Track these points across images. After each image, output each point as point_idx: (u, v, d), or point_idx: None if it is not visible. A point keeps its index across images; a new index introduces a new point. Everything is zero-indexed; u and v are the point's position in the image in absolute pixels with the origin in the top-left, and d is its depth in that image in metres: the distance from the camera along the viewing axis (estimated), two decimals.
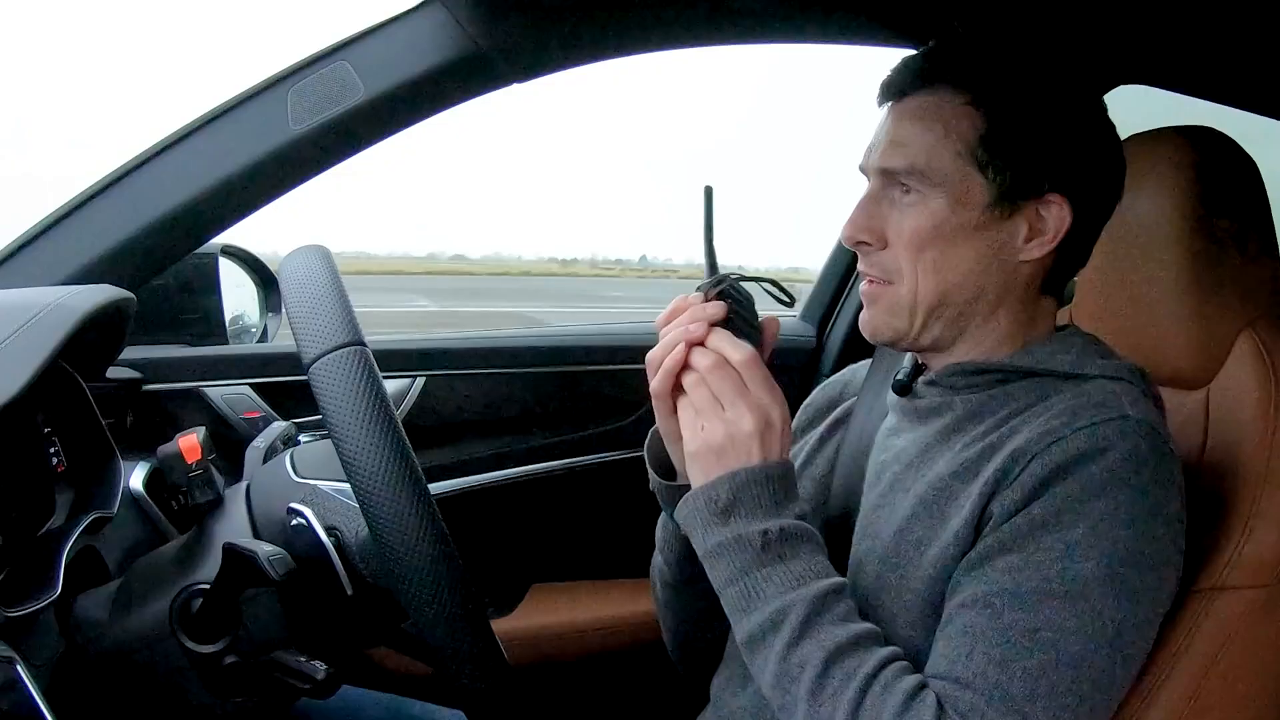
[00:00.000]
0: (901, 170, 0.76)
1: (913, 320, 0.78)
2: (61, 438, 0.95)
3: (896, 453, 0.82)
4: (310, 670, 0.81)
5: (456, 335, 1.60)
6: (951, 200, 0.75)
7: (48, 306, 0.83)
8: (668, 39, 1.26)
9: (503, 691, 0.78)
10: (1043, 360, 0.78)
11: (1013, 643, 0.67)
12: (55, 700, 0.72)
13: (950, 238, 0.76)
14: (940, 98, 0.76)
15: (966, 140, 0.75)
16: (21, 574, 0.78)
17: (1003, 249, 0.77)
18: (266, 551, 0.76)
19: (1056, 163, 0.76)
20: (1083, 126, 0.78)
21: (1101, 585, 0.67)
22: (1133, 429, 0.70)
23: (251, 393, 1.40)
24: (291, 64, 1.11)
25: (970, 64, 0.77)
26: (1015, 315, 0.80)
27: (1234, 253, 0.85)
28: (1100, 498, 0.68)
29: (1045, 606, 0.67)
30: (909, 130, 0.76)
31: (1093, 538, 0.68)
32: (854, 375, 1.00)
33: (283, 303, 0.79)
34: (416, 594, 0.72)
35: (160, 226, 1.09)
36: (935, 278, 0.76)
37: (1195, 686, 0.76)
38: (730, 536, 0.71)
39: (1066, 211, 0.76)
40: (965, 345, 0.81)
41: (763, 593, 0.71)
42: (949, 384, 0.80)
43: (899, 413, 0.84)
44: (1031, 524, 0.69)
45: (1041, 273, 0.79)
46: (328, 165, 1.14)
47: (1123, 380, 0.76)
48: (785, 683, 0.69)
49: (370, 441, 0.71)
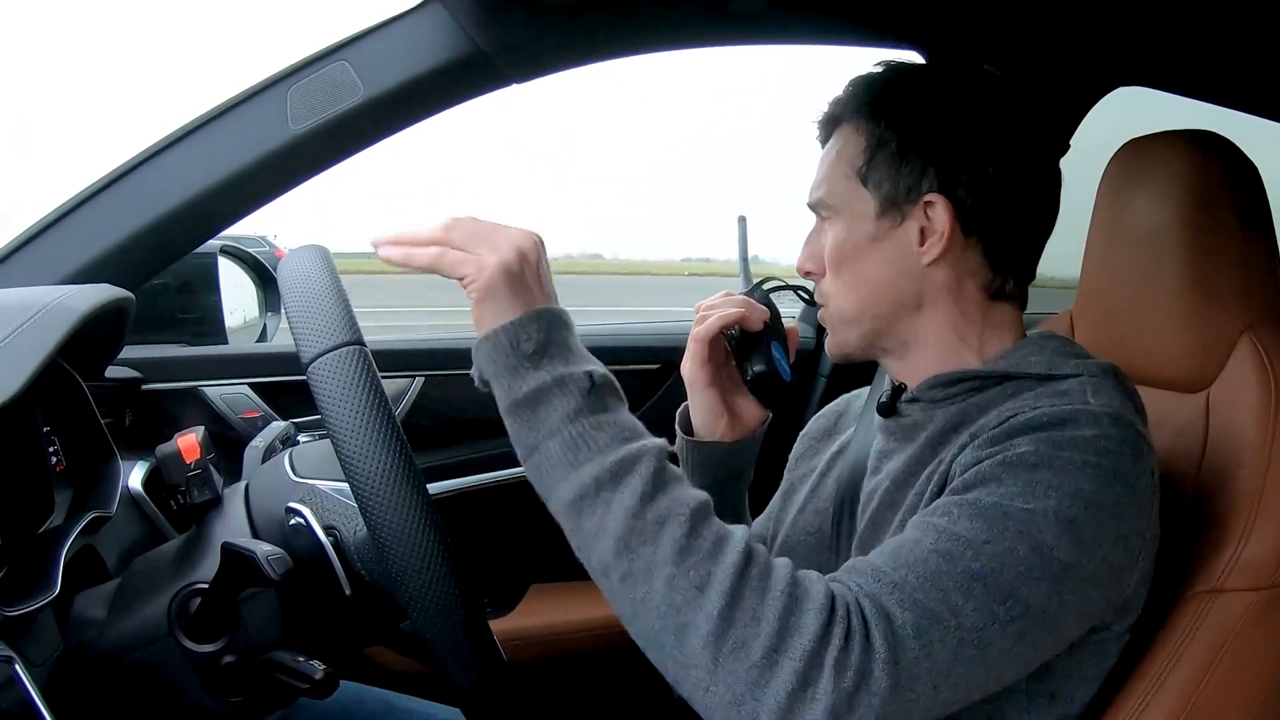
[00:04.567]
0: (815, 203, 0.84)
1: (848, 334, 0.84)
2: (61, 437, 0.95)
3: (889, 473, 0.82)
4: (308, 670, 0.81)
5: (456, 335, 1.60)
6: (849, 219, 0.81)
7: (47, 306, 0.83)
8: (668, 39, 1.26)
9: (501, 691, 0.78)
10: (1016, 364, 0.79)
11: (963, 541, 0.64)
12: (53, 699, 0.72)
13: (855, 254, 0.81)
14: (844, 130, 0.83)
15: (852, 161, 0.81)
16: (20, 573, 0.78)
17: (903, 255, 0.80)
18: (265, 551, 0.76)
19: (927, 163, 0.79)
20: (952, 125, 0.79)
21: (1055, 526, 0.65)
22: (1095, 409, 0.70)
23: (250, 392, 1.40)
24: (291, 64, 1.11)
25: (868, 92, 0.82)
26: (955, 319, 0.81)
27: (1234, 256, 0.85)
28: (1065, 450, 0.67)
29: (999, 522, 0.65)
30: (822, 166, 0.84)
31: (1055, 480, 0.66)
32: (848, 405, 1.01)
33: (281, 302, 0.79)
34: (415, 594, 0.72)
35: (160, 226, 1.09)
36: (852, 293, 0.82)
37: (1193, 688, 0.76)
38: (550, 379, 0.63)
39: (946, 209, 0.78)
40: (917, 354, 0.83)
41: (595, 441, 0.62)
42: (929, 398, 0.81)
43: (885, 434, 0.86)
44: (995, 464, 0.68)
45: (971, 276, 0.80)
46: (328, 165, 1.14)
47: (1095, 378, 0.76)
48: (636, 543, 0.60)
49: (369, 442, 0.71)
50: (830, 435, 0.99)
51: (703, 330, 0.87)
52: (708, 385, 0.88)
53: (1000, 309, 0.83)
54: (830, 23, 1.29)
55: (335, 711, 1.05)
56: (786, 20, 1.26)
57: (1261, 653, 0.77)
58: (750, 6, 1.16)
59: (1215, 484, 0.80)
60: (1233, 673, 0.76)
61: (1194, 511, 0.81)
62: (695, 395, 0.90)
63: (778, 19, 1.24)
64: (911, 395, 0.83)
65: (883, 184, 0.79)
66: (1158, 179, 0.87)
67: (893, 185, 0.79)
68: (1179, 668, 0.76)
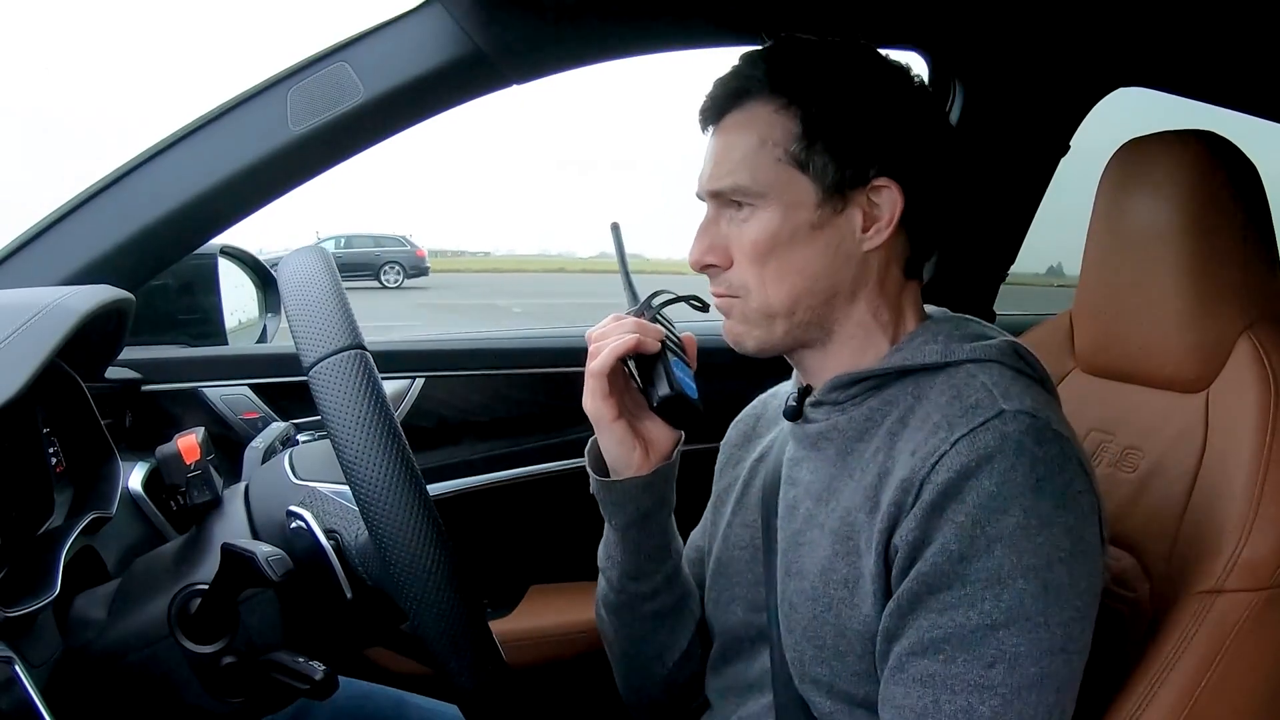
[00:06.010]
0: (729, 190, 0.77)
1: (772, 327, 0.79)
2: (60, 438, 0.95)
3: (805, 486, 0.81)
4: (308, 670, 0.81)
5: (455, 336, 1.60)
6: (782, 207, 0.76)
7: (47, 306, 0.83)
8: (668, 40, 1.26)
9: (501, 692, 0.78)
10: (912, 356, 0.77)
11: (972, 685, 0.67)
12: (53, 700, 0.72)
13: (789, 243, 0.76)
14: (754, 111, 0.77)
15: (783, 144, 0.76)
16: (20, 574, 0.78)
17: (844, 242, 0.77)
18: (265, 552, 0.76)
19: (877, 147, 0.75)
20: (900, 107, 0.77)
21: (1037, 599, 0.67)
22: (1011, 426, 0.69)
23: (250, 393, 1.40)
24: (291, 64, 1.11)
25: (780, 68, 0.77)
26: (879, 305, 0.80)
27: (1234, 256, 0.85)
28: (1005, 513, 0.67)
29: (992, 639, 0.67)
30: (729, 149, 0.78)
31: (1013, 556, 0.67)
32: (765, 406, 0.98)
33: (282, 305, 0.78)
34: (416, 597, 0.72)
35: (160, 226, 1.09)
36: (783, 284, 0.77)
37: (1193, 688, 0.76)
38: None
39: (898, 194, 0.76)
40: (837, 344, 0.81)
41: None
42: (832, 400, 0.80)
43: (795, 440, 0.84)
44: (950, 559, 0.68)
45: (895, 260, 0.80)
46: (328, 165, 1.14)
47: (993, 363, 0.75)
48: None
49: (370, 446, 0.71)
50: (750, 440, 0.96)
51: (598, 365, 0.81)
52: (614, 419, 0.83)
53: (910, 287, 0.82)
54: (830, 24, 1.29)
55: (346, 709, 1.05)
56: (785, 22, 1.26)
57: (1261, 653, 0.77)
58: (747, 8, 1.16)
59: (1215, 484, 0.80)
60: (1232, 673, 0.76)
61: (1194, 511, 0.81)
62: (603, 431, 0.84)
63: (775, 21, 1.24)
64: (815, 399, 0.82)
65: (826, 170, 0.75)
66: (1158, 179, 0.87)
67: (838, 171, 0.75)
68: (1179, 668, 0.76)
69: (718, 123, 0.80)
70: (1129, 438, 0.91)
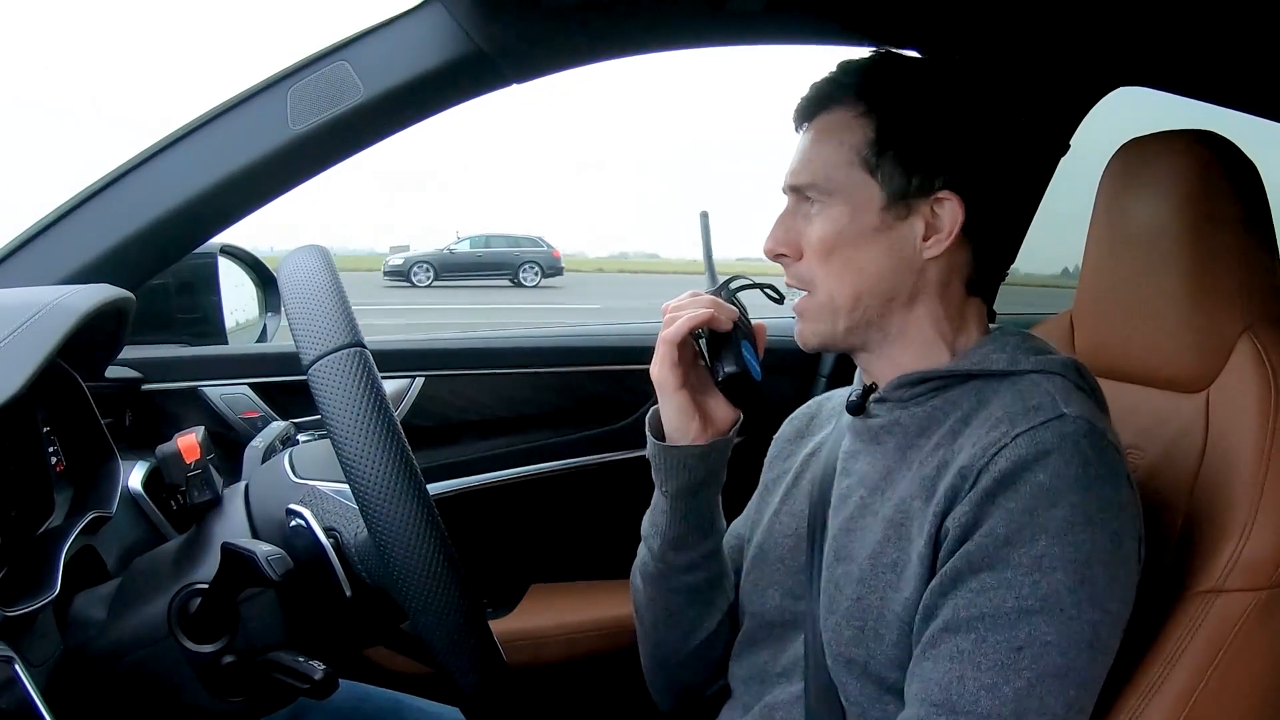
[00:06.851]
0: (805, 185, 0.82)
1: (835, 322, 0.83)
2: (61, 437, 0.95)
3: (860, 476, 0.84)
4: (308, 670, 0.81)
5: (455, 336, 1.60)
6: (850, 207, 0.80)
7: (47, 306, 0.83)
8: (667, 39, 1.26)
9: (501, 692, 0.78)
10: (978, 362, 0.80)
11: (998, 665, 0.70)
12: (53, 700, 0.72)
13: (853, 241, 0.80)
14: (838, 115, 0.82)
15: (858, 148, 0.80)
16: (20, 573, 0.78)
17: (904, 249, 0.80)
18: (265, 551, 0.76)
19: (943, 161, 0.79)
20: (969, 124, 0.80)
21: (1073, 592, 0.69)
22: (1070, 428, 0.72)
23: (250, 392, 1.40)
24: (291, 64, 1.11)
25: (868, 78, 0.82)
26: (938, 315, 0.83)
27: (1234, 256, 0.85)
28: (1055, 506, 0.70)
29: (1025, 624, 0.70)
30: (813, 148, 0.83)
31: (1057, 547, 0.70)
32: (819, 408, 1.02)
33: (282, 304, 0.78)
34: (416, 595, 0.72)
35: (160, 225, 1.09)
36: (846, 279, 0.81)
37: (1193, 688, 0.76)
38: None
39: (959, 207, 0.79)
40: (898, 348, 0.84)
41: None
42: (896, 398, 0.83)
43: (854, 434, 0.87)
44: (995, 542, 0.71)
45: (957, 272, 0.82)
46: (328, 165, 1.14)
47: (1055, 375, 0.78)
48: None
49: (370, 444, 0.71)
50: (802, 437, 1.00)
51: (671, 333, 0.84)
52: (678, 388, 0.86)
53: (973, 303, 0.84)
54: (829, 23, 1.29)
55: (343, 710, 1.05)
56: (785, 21, 1.26)
57: (1261, 653, 0.77)
58: (748, 6, 1.16)
59: (1215, 484, 0.80)
60: (1233, 673, 0.76)
61: (1194, 511, 0.81)
62: (666, 399, 0.87)
63: (776, 19, 1.24)
64: (880, 395, 0.84)
65: (894, 177, 0.79)
66: (1158, 179, 0.87)
67: (904, 180, 0.79)
68: (1179, 668, 0.76)
69: (808, 123, 0.84)
70: (1129, 437, 0.91)
